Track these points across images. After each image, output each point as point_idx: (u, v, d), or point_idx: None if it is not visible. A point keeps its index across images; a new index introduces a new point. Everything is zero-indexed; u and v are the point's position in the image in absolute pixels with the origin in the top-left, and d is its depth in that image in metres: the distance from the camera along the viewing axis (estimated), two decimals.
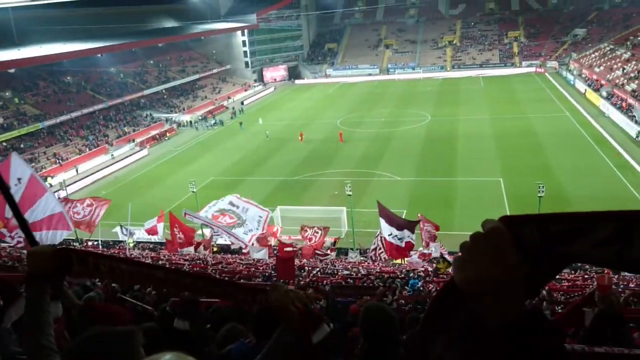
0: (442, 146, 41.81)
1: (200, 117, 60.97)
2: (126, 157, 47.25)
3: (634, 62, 55.85)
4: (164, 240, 25.10)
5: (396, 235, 18.31)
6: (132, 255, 20.73)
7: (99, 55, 61.59)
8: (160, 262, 18.19)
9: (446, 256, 19.33)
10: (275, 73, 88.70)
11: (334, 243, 24.84)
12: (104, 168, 43.78)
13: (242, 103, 68.50)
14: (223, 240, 26.42)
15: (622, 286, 15.80)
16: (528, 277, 0.86)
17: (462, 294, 0.88)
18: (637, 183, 31.07)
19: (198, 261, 19.75)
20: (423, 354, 0.97)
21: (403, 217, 27.73)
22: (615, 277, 19.66)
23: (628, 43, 62.60)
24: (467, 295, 0.87)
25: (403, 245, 18.54)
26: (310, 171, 38.11)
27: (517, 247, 0.87)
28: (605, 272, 7.72)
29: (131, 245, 25.53)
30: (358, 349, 3.17)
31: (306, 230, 23.07)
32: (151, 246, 26.86)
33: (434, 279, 16.38)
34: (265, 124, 54.86)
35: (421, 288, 13.82)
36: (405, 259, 21.03)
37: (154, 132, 54.94)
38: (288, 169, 39.12)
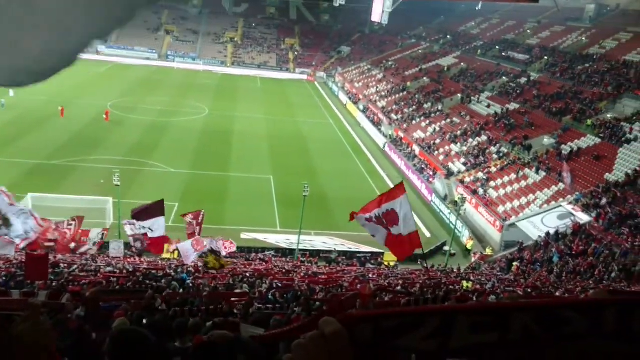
0: (218, 141, 42.16)
1: None
2: None
3: (385, 83, 65.09)
4: None
5: (149, 229, 17.78)
6: None
7: None
8: None
9: (214, 248, 19.60)
10: None
11: (103, 236, 22.66)
12: None
13: None
14: None
15: (368, 276, 18.28)
16: None
17: None
18: (381, 187, 36.22)
19: None
20: None
21: (175, 210, 27.24)
22: (362, 269, 22.58)
23: (381, 66, 72.66)
24: None
25: (158, 235, 18.15)
26: (73, 156, 34.34)
27: (352, 345, 0.89)
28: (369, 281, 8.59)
29: None
30: None
31: (58, 227, 20.40)
32: None
33: (204, 274, 16.45)
34: (18, 97, 47.22)
35: (191, 284, 13.74)
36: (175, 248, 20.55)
37: None
38: (45, 151, 34.52)
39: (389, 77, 66.60)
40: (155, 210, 18.00)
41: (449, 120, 45.70)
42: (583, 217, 25.67)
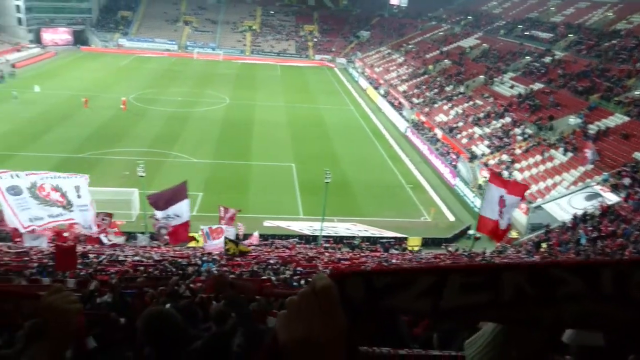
0: (239, 130, 42.36)
1: None
2: None
3: (405, 67, 64.31)
4: None
5: (174, 215, 17.71)
6: None
7: None
8: None
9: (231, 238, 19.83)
10: (57, 36, 78.38)
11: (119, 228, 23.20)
12: None
13: (13, 66, 58.97)
14: None
15: (392, 261, 18.23)
16: (349, 333, 0.86)
17: (285, 353, 0.85)
18: (404, 172, 36.03)
19: None
20: None
21: (199, 200, 27.61)
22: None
23: (402, 49, 71.73)
24: (290, 355, 0.85)
25: (183, 221, 18.15)
26: (98, 148, 34.97)
27: (343, 303, 0.87)
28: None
29: None
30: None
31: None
32: None
33: (228, 262, 16.65)
34: (43, 92, 48.35)
35: (215, 272, 13.91)
36: (204, 244, 20.80)
37: None
38: (71, 145, 35.21)
39: (409, 61, 65.76)
40: (179, 194, 18.01)
41: (471, 102, 44.98)
42: (612, 198, 25.08)
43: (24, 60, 63.81)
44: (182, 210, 17.72)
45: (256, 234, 24.44)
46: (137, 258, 16.95)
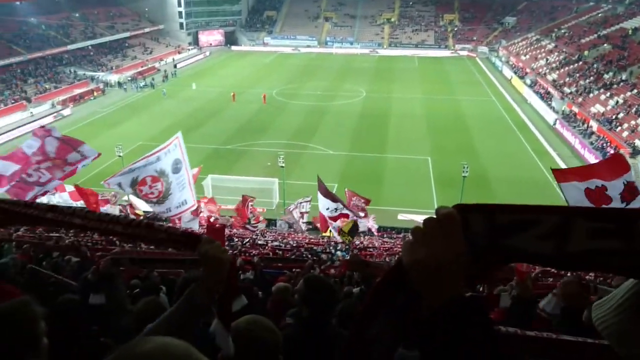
0: (375, 123, 42.54)
1: (129, 78, 58.10)
2: (46, 115, 44.31)
3: (556, 53, 59.12)
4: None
5: (330, 208, 18.29)
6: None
7: (17, 2, 56.70)
8: None
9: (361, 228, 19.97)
10: (211, 37, 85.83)
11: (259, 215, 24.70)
12: (22, 126, 40.83)
13: (175, 66, 65.93)
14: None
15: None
16: (469, 267, 0.88)
17: (407, 276, 0.90)
18: (551, 167, 33.20)
19: None
20: (361, 331, 0.98)
21: (334, 191, 28.29)
22: None
23: (553, 35, 66.03)
24: (412, 278, 0.89)
25: (336, 214, 18.60)
26: (244, 141, 37.62)
27: (464, 236, 0.88)
28: None
29: None
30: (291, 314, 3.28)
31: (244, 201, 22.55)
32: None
33: (361, 251, 16.89)
34: (199, 89, 53.39)
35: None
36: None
37: (78, 91, 51.71)
38: (221, 137, 38.39)
39: (561, 47, 60.33)
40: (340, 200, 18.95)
41: (635, 91, 39.93)
42: None
43: (184, 61, 70.98)
44: (337, 207, 18.35)
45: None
46: (275, 243, 17.98)
